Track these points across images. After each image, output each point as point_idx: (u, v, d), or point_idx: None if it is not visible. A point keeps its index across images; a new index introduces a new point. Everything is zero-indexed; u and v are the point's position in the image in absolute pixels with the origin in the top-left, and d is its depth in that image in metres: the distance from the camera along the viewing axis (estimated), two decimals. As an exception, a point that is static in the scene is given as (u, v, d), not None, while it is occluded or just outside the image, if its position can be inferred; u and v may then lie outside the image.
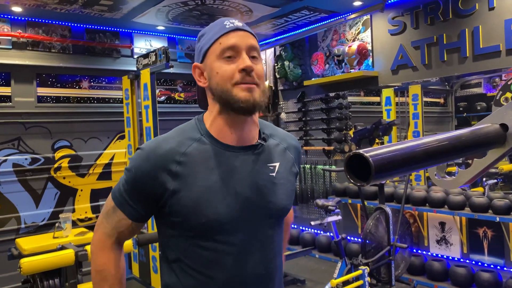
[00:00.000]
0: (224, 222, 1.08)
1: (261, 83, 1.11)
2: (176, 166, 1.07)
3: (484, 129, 0.80)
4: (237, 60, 1.08)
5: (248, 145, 1.15)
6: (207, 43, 1.11)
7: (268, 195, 1.13)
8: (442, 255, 4.11)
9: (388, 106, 5.12)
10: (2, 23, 4.37)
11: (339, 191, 4.89)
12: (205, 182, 1.07)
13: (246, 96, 1.07)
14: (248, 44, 1.09)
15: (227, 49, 1.08)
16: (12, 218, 4.44)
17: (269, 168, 1.16)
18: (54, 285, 3.18)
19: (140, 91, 4.15)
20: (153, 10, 4.33)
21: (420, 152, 0.64)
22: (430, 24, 4.08)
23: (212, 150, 1.11)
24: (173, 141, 1.10)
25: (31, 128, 4.59)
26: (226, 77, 1.07)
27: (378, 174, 0.57)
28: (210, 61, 1.11)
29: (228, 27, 1.10)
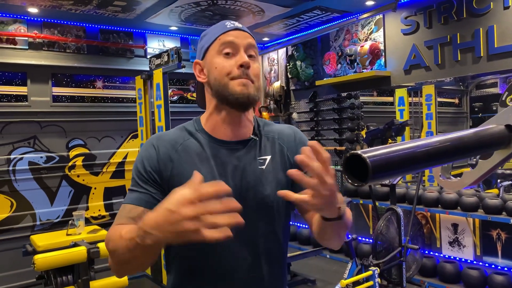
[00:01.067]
0: None
1: (256, 80, 1.17)
2: (175, 154, 1.16)
3: (489, 130, 0.80)
4: (235, 57, 1.15)
5: (241, 139, 1.20)
6: (208, 41, 1.18)
7: (255, 188, 1.17)
8: (455, 257, 4.07)
9: (401, 106, 5.07)
10: (19, 24, 4.46)
11: (350, 191, 4.87)
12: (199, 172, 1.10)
13: (241, 90, 1.13)
14: (246, 43, 1.17)
15: (226, 45, 1.15)
16: (28, 215, 4.53)
17: (259, 161, 1.19)
18: (67, 281, 3.24)
19: (153, 91, 4.20)
20: (166, 10, 4.37)
21: (421, 153, 0.65)
22: (443, 23, 4.04)
23: (205, 144, 1.18)
24: (173, 134, 1.22)
25: (47, 127, 4.67)
26: (224, 71, 1.14)
27: (376, 175, 0.58)
28: (210, 57, 1.17)
29: (228, 26, 1.17)
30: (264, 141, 1.24)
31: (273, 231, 1.20)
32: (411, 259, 3.91)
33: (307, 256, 4.46)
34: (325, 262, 4.86)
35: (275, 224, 1.20)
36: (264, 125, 1.28)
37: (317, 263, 4.80)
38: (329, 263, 4.81)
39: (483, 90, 5.26)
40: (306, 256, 4.43)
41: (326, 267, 4.69)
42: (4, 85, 4.46)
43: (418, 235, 4.01)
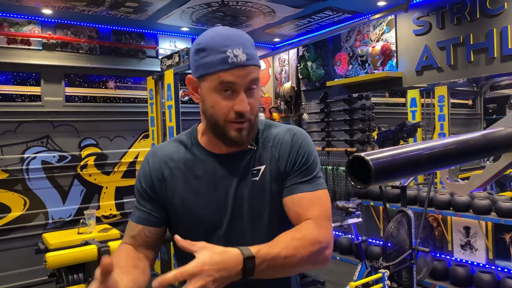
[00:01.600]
0: (208, 226, 1.15)
1: (253, 117, 1.12)
2: (168, 171, 1.18)
3: (496, 133, 0.79)
4: (234, 98, 1.07)
5: (236, 152, 1.17)
6: (206, 68, 1.07)
7: (249, 201, 1.15)
8: (467, 260, 4.01)
9: (413, 107, 5.03)
10: (33, 25, 4.53)
11: (361, 193, 4.84)
12: (189, 188, 1.15)
13: (235, 136, 1.11)
14: (248, 81, 1.08)
15: (225, 85, 1.07)
16: (41, 213, 4.60)
17: (253, 172, 1.16)
18: (78, 279, 3.28)
19: (164, 91, 4.23)
20: (177, 11, 4.39)
21: (425, 156, 0.64)
22: (456, 24, 4.00)
23: (199, 158, 1.18)
24: (168, 148, 1.22)
25: (59, 127, 4.73)
26: (221, 114, 1.09)
27: (379, 177, 0.58)
28: (207, 88, 1.09)
29: (230, 61, 1.05)
30: (260, 149, 1.19)
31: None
32: (422, 262, 3.87)
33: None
34: (335, 263, 4.84)
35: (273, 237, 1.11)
36: (265, 130, 1.22)
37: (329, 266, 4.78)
38: (338, 265, 4.78)
39: (497, 92, 5.18)
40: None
41: (336, 268, 4.67)
42: (18, 85, 4.53)
43: (429, 238, 3.97)
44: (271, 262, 0.98)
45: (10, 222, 4.42)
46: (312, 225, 1.09)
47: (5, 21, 4.38)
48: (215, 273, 0.90)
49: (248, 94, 1.09)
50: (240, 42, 1.07)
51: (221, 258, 0.92)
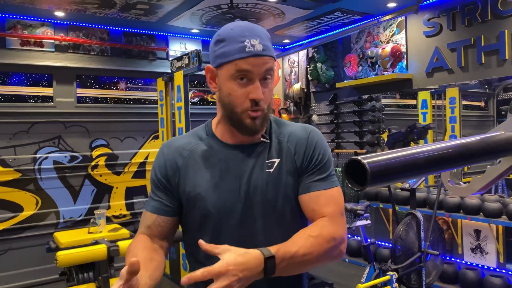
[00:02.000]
0: (221, 214, 1.16)
1: (266, 107, 1.16)
2: (182, 160, 1.21)
3: (496, 137, 0.79)
4: (249, 86, 1.12)
5: (250, 143, 1.21)
6: (225, 57, 1.13)
7: (262, 192, 1.18)
8: (477, 264, 3.98)
9: (424, 109, 4.99)
10: (46, 27, 4.60)
11: (370, 195, 4.82)
12: (204, 177, 1.18)
13: (250, 124, 1.15)
14: (263, 70, 1.12)
15: (242, 73, 1.11)
16: (52, 213, 4.66)
17: (267, 164, 1.20)
18: (88, 278, 3.32)
19: (174, 92, 4.26)
20: (187, 13, 4.43)
21: (422, 159, 0.65)
22: (467, 25, 3.97)
23: (214, 149, 1.21)
24: (183, 139, 1.26)
25: (71, 127, 4.80)
26: (237, 102, 1.14)
27: (375, 180, 0.59)
28: (224, 76, 1.14)
29: (248, 50, 1.10)
30: (274, 143, 1.23)
31: (283, 236, 1.15)
32: (431, 265, 3.84)
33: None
34: (344, 266, 4.83)
35: (285, 228, 1.18)
36: (279, 127, 1.27)
37: (335, 267, 4.77)
38: (347, 267, 4.77)
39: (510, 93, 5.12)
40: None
41: (345, 271, 4.65)
42: (31, 86, 4.61)
43: (439, 241, 3.94)
44: (290, 261, 1.05)
45: (23, 221, 4.49)
46: (327, 222, 1.15)
47: (18, 23, 4.46)
48: (239, 272, 0.96)
49: (263, 84, 1.14)
50: (258, 34, 1.13)
51: (244, 259, 0.99)
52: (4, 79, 4.49)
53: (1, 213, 4.39)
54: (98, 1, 3.98)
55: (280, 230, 1.19)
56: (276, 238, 1.14)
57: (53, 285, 3.98)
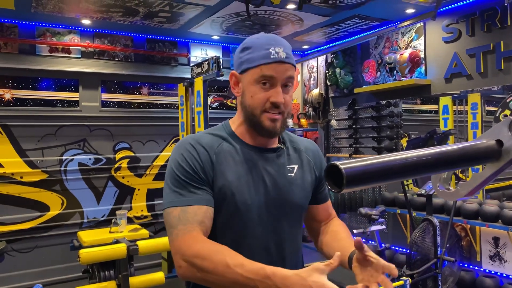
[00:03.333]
0: (244, 211, 1.21)
1: (286, 111, 1.24)
2: (214, 157, 1.23)
3: (477, 145, 0.84)
4: (271, 90, 1.20)
5: (269, 147, 1.30)
6: (250, 63, 1.21)
7: (286, 193, 1.26)
8: (495, 272, 3.93)
9: (445, 114, 4.96)
10: (73, 35, 4.81)
11: (388, 200, 4.82)
12: (234, 174, 1.22)
13: (270, 126, 1.22)
14: (285, 77, 1.21)
15: (265, 78, 1.20)
16: (77, 213, 4.85)
17: (288, 169, 1.29)
18: (109, 276, 3.45)
19: (194, 97, 4.38)
20: (208, 21, 4.55)
21: (397, 166, 0.71)
22: (486, 31, 3.94)
23: (238, 148, 1.27)
24: (208, 138, 1.27)
25: (95, 131, 4.98)
26: (258, 103, 1.21)
27: (350, 183, 0.66)
28: (248, 81, 1.23)
29: (272, 57, 1.19)
30: (291, 151, 1.33)
31: (296, 235, 1.32)
32: (448, 271, 3.82)
33: (341, 263, 4.45)
34: (360, 270, 4.82)
35: (298, 229, 1.32)
36: (289, 137, 1.38)
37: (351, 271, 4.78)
38: (364, 272, 4.76)
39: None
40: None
41: (361, 275, 4.65)
42: (59, 91, 4.82)
43: (456, 248, 3.91)
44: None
45: (49, 220, 4.69)
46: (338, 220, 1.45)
47: (48, 31, 4.68)
48: None
49: (284, 90, 1.22)
50: (282, 44, 1.23)
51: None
52: (34, 84, 4.71)
53: (29, 212, 4.60)
54: (123, 9, 4.14)
55: (298, 229, 1.32)
56: (296, 236, 1.29)
57: (76, 282, 4.13)
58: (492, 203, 3.90)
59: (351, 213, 5.48)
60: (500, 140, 0.85)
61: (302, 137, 1.45)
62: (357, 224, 5.39)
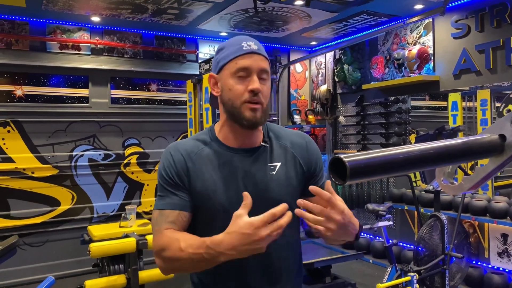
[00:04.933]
0: (225, 212, 1.23)
1: (265, 102, 1.26)
2: (190, 163, 1.28)
3: (480, 139, 0.86)
4: (248, 81, 1.24)
5: (251, 147, 1.31)
6: (225, 59, 1.26)
7: (266, 192, 1.27)
8: (504, 268, 3.92)
9: (454, 111, 4.94)
10: (83, 32, 4.86)
11: (395, 196, 4.82)
12: (210, 177, 1.26)
13: (250, 115, 1.24)
14: (259, 67, 1.25)
15: (241, 70, 1.23)
16: (87, 207, 4.91)
17: (269, 167, 1.30)
18: (119, 269, 3.51)
19: (202, 94, 4.41)
20: (216, 17, 4.57)
21: (400, 159, 0.73)
22: (496, 27, 3.92)
23: (218, 152, 1.30)
24: (189, 144, 1.33)
25: (105, 127, 5.04)
26: (237, 95, 1.24)
27: (354, 176, 0.68)
28: (225, 76, 1.26)
29: (245, 49, 1.24)
30: (275, 148, 1.34)
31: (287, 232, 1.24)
32: (456, 268, 3.82)
33: (347, 259, 4.46)
34: (368, 266, 4.84)
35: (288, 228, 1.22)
36: (274, 132, 1.38)
37: (359, 268, 4.80)
38: (371, 268, 4.78)
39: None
40: (346, 259, 4.43)
41: (368, 271, 4.67)
42: (69, 87, 4.87)
43: (464, 244, 3.90)
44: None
45: (59, 215, 4.76)
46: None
47: (58, 28, 4.73)
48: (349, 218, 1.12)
49: (260, 82, 1.25)
50: (253, 40, 1.29)
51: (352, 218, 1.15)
52: (45, 81, 4.77)
53: (40, 207, 4.67)
54: (131, 6, 4.18)
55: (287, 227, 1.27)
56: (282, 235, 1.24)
57: (87, 276, 4.19)
58: (501, 199, 3.89)
59: (359, 209, 5.48)
60: (503, 134, 0.87)
61: (293, 130, 1.44)
62: (365, 220, 5.39)
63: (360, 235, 1.16)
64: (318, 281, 4.29)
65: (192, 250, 1.12)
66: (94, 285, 3.35)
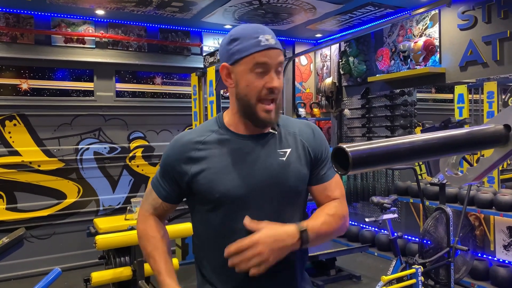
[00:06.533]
0: (235, 198, 1.25)
1: (279, 97, 1.27)
2: (196, 152, 1.28)
3: (484, 129, 0.85)
4: (265, 77, 1.23)
5: (259, 134, 1.31)
6: (241, 53, 1.22)
7: (277, 177, 1.27)
8: (510, 261, 3.90)
9: (460, 103, 4.90)
10: (88, 25, 4.86)
11: (401, 189, 4.81)
12: (220, 164, 1.27)
13: (265, 116, 1.25)
14: (277, 62, 1.24)
15: (259, 66, 1.22)
16: (93, 201, 4.94)
17: (280, 153, 1.30)
18: (125, 262, 3.53)
19: (206, 87, 4.40)
20: (220, 10, 4.55)
21: (404, 148, 0.72)
22: (503, 18, 3.87)
23: (227, 138, 1.30)
24: (195, 132, 1.33)
25: (110, 120, 5.06)
26: (255, 92, 1.23)
27: (356, 165, 0.67)
28: (241, 71, 1.23)
29: (263, 44, 1.21)
30: (284, 135, 1.34)
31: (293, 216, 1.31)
32: (461, 260, 3.81)
33: (352, 252, 4.48)
34: (373, 259, 4.85)
35: (295, 210, 1.32)
36: (282, 120, 1.38)
37: (364, 260, 4.80)
38: (376, 261, 4.79)
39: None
40: (351, 252, 4.45)
41: (373, 264, 4.68)
42: (74, 81, 4.89)
43: (469, 237, 3.90)
44: (317, 234, 1.25)
45: (66, 208, 4.80)
46: (338, 203, 1.37)
47: (62, 21, 4.73)
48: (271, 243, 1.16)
49: (277, 76, 1.25)
50: (268, 32, 1.26)
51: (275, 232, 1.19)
52: (50, 74, 4.78)
53: (47, 200, 4.71)
54: (136, -1, 4.17)
55: (291, 212, 1.31)
56: (288, 219, 1.28)
57: (93, 268, 4.23)
58: (507, 192, 3.87)
59: (364, 202, 5.48)
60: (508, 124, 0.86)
61: (299, 119, 1.46)
62: (370, 213, 5.38)
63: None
64: (323, 273, 4.30)
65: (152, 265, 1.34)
66: (100, 277, 3.38)
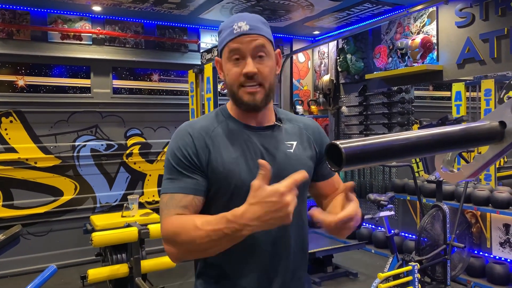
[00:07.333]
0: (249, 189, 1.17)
1: (265, 81, 1.23)
2: (209, 140, 1.24)
3: (479, 126, 0.84)
4: (242, 63, 1.22)
5: (265, 125, 1.30)
6: (220, 44, 1.26)
7: (286, 169, 1.24)
8: (506, 258, 3.92)
9: (458, 101, 4.91)
10: (84, 21, 4.83)
11: (398, 187, 4.81)
12: (231, 154, 1.23)
13: (248, 99, 1.23)
14: (252, 48, 1.21)
15: (233, 53, 1.22)
16: (89, 198, 4.93)
17: (287, 145, 1.30)
18: (122, 259, 3.53)
19: (204, 84, 4.39)
20: (217, 6, 4.53)
21: (397, 145, 0.72)
22: (501, 15, 3.87)
23: (235, 129, 1.28)
24: (204, 121, 1.30)
25: (107, 117, 5.04)
26: (234, 79, 1.23)
27: (350, 162, 0.67)
28: (223, 61, 1.26)
29: (235, 32, 1.21)
30: (289, 127, 1.34)
31: (301, 207, 1.31)
32: (457, 257, 3.82)
33: (349, 249, 4.48)
34: (370, 256, 4.86)
35: (302, 201, 1.32)
36: (285, 114, 1.38)
37: (361, 258, 4.81)
38: (373, 258, 4.80)
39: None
40: (348, 249, 4.45)
41: (370, 261, 4.69)
42: (70, 78, 4.87)
43: (466, 234, 3.91)
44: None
45: (62, 205, 4.78)
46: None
47: (59, 18, 4.71)
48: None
49: (258, 61, 1.22)
50: (246, 18, 1.24)
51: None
52: (46, 71, 4.76)
53: (43, 197, 4.69)
54: (132, -5, 4.15)
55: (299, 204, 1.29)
56: (300, 211, 1.29)
57: (90, 265, 4.23)
58: (504, 189, 3.88)
59: (361, 199, 5.48)
60: (503, 121, 0.85)
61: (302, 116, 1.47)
62: (366, 210, 5.39)
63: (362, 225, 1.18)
64: (320, 270, 4.31)
65: (211, 227, 1.03)
66: (97, 274, 3.37)
